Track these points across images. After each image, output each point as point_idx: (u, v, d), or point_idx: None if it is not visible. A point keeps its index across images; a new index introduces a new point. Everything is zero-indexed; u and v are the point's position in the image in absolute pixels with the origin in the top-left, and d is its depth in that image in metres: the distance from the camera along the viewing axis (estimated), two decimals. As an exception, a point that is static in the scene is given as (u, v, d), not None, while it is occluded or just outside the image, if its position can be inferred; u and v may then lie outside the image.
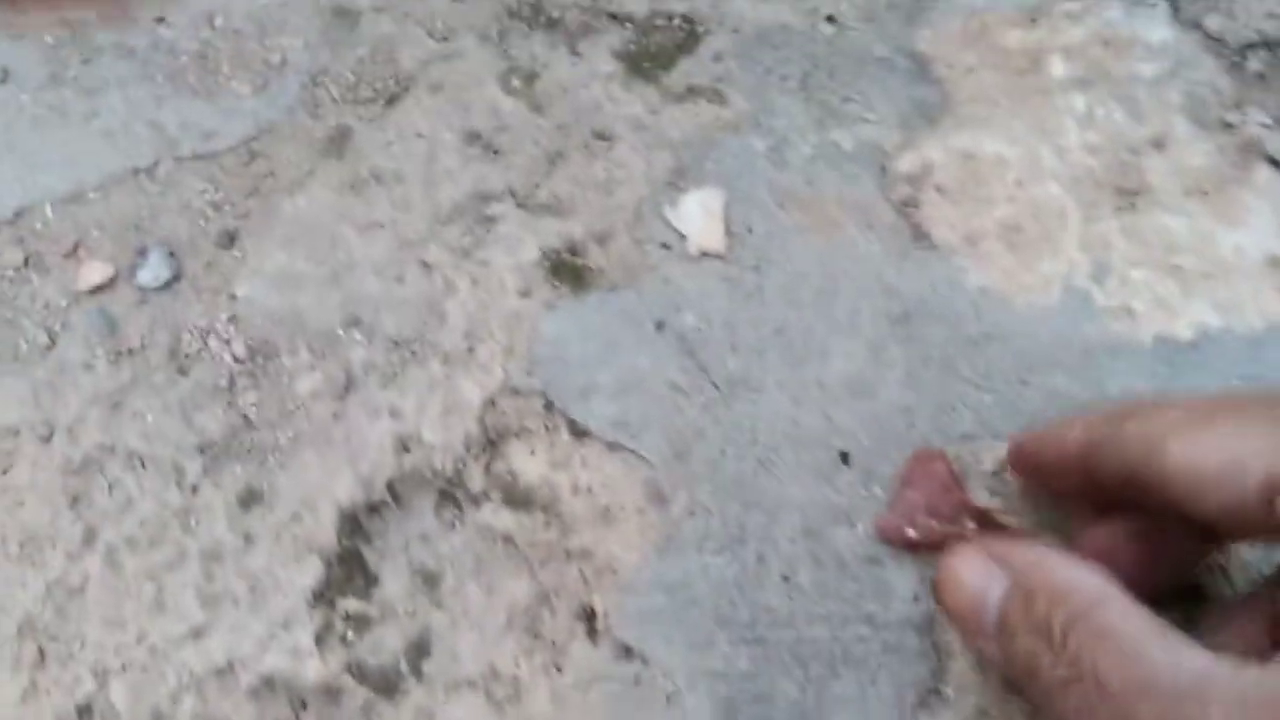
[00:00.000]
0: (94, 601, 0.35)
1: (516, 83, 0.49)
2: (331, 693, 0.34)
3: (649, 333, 0.41)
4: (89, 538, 0.36)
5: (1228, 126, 0.47)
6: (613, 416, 0.39)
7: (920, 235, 0.44)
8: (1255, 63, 0.50)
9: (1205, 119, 0.47)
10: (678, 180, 0.45)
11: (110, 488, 0.37)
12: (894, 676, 0.34)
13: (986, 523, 0.36)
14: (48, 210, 0.46)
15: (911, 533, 0.36)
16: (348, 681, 0.34)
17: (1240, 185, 0.45)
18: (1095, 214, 0.44)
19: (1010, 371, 0.40)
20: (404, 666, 0.35)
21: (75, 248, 0.44)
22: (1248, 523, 0.26)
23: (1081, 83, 0.48)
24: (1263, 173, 0.45)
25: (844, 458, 0.38)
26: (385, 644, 0.35)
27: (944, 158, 0.46)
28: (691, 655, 0.35)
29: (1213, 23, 0.50)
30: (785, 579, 0.36)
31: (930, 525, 0.36)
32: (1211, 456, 0.26)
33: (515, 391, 0.39)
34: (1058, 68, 0.48)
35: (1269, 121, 0.48)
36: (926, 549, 0.36)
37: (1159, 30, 0.49)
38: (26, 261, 0.44)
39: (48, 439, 0.38)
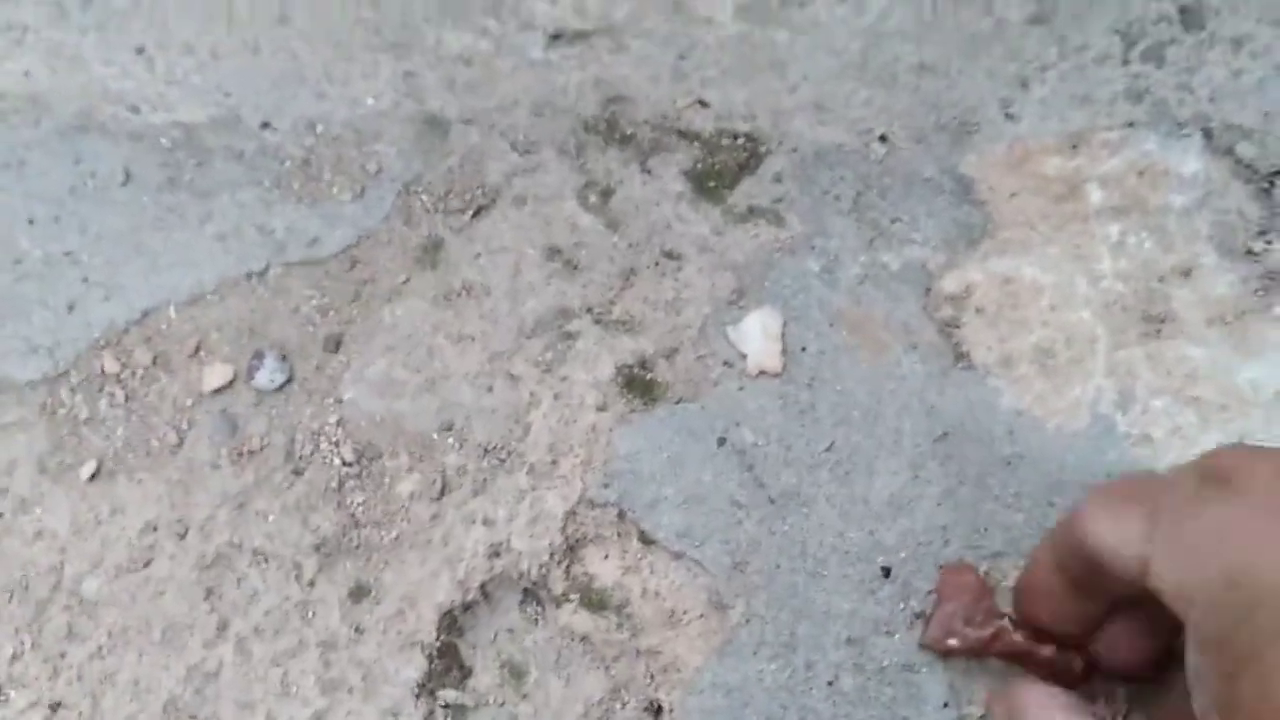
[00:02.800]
0: (227, 685, 0.41)
1: (593, 199, 0.53)
2: (433, 775, 0.39)
3: (711, 448, 0.45)
4: (222, 627, 0.42)
5: (1252, 254, 0.51)
6: (678, 527, 0.43)
7: (960, 355, 0.48)
8: (1282, 189, 0.53)
9: (1232, 247, 0.51)
10: (739, 300, 0.50)
11: (239, 581, 0.42)
12: (926, 781, 0.39)
13: (1016, 622, 0.40)
14: (171, 311, 0.51)
15: (953, 642, 0.40)
16: (447, 765, 0.39)
17: (1260, 316, 0.49)
18: (1123, 340, 0.48)
19: (1039, 493, 0.44)
20: (495, 753, 0.40)
21: (197, 349, 0.50)
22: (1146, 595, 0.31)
23: (1116, 211, 0.52)
24: (1282, 304, 0.49)
25: (886, 572, 0.43)
26: (478, 732, 0.40)
27: (984, 280, 0.50)
28: (747, 752, 0.39)
29: (1244, 150, 0.54)
30: (830, 684, 0.41)
31: (968, 634, 0.40)
32: (1107, 539, 0.32)
33: (592, 503, 0.44)
34: (1095, 195, 0.52)
35: (1291, 250, 0.51)
36: (965, 654, 0.40)
37: (1192, 161, 0.53)
38: (155, 361, 0.50)
39: (183, 535, 0.44)
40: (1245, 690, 0.26)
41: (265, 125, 0.58)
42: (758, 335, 0.48)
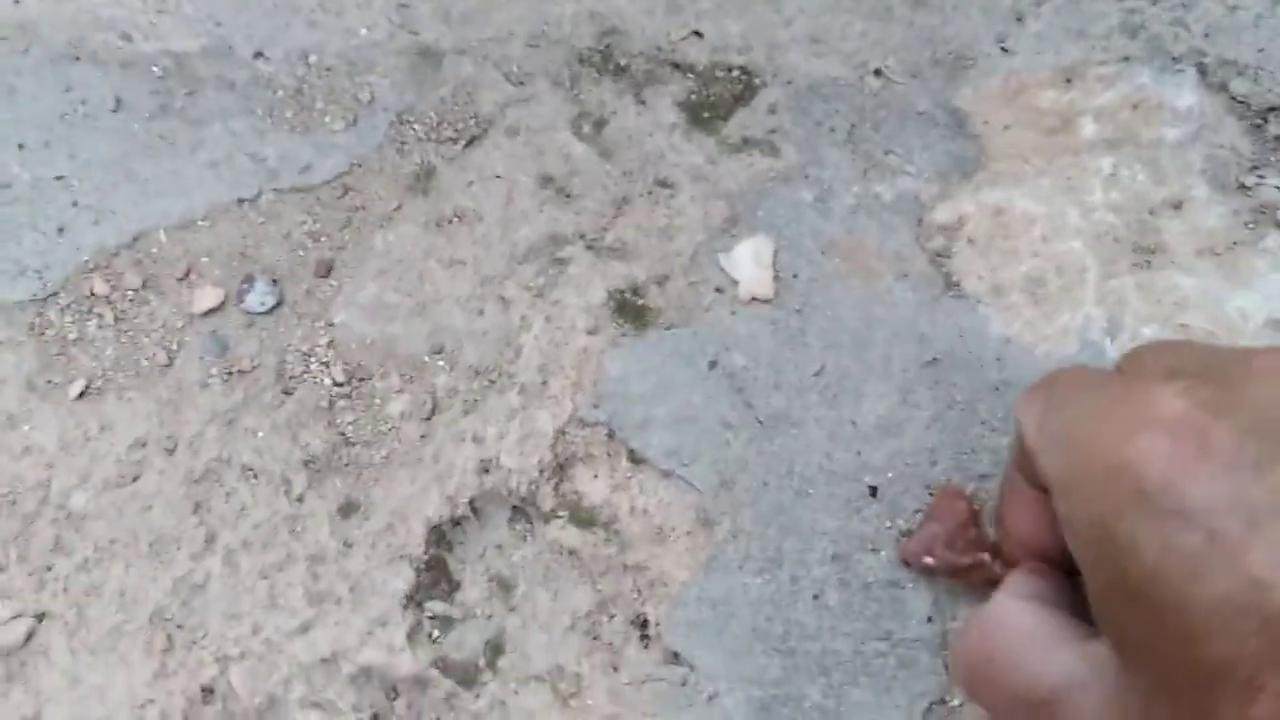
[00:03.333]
0: (215, 596, 0.41)
1: (587, 129, 0.53)
2: (420, 683, 0.39)
3: (702, 371, 0.46)
4: (210, 540, 0.42)
5: (1244, 189, 0.51)
6: (667, 447, 0.44)
7: (951, 284, 0.48)
8: (1276, 126, 0.53)
9: (1224, 181, 0.51)
10: (731, 228, 0.50)
11: (227, 496, 0.43)
12: (907, 688, 0.39)
13: (998, 554, 0.40)
14: (162, 236, 0.51)
15: (929, 560, 0.40)
16: (434, 674, 0.39)
17: (1250, 248, 0.49)
18: (1113, 270, 0.48)
19: (1027, 417, 0.44)
20: (482, 662, 0.40)
21: (187, 272, 0.50)
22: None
23: (1109, 144, 0.52)
24: (1272, 237, 0.49)
25: (873, 491, 0.43)
26: (466, 642, 0.40)
27: (976, 211, 0.50)
28: (730, 662, 0.40)
29: (1239, 86, 0.54)
30: (815, 598, 0.41)
31: (946, 556, 0.40)
32: (1023, 426, 0.31)
33: (583, 422, 0.44)
34: (1088, 129, 0.52)
35: (1284, 185, 0.51)
36: (941, 575, 0.41)
37: (1186, 95, 0.53)
38: (145, 284, 0.49)
39: (172, 451, 0.44)
40: (1104, 576, 0.25)
41: (258, 55, 0.57)
42: (749, 262, 0.48)
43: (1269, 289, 0.47)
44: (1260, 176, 0.52)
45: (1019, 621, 0.30)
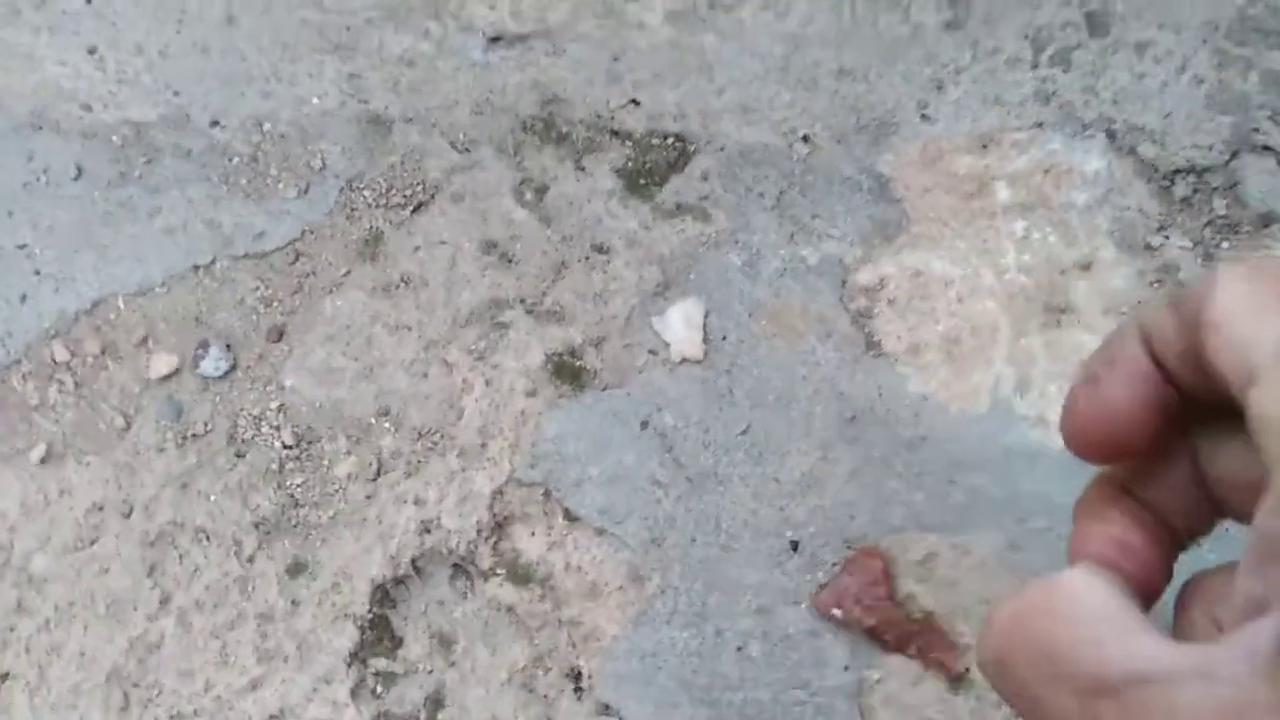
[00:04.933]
0: (169, 655, 0.43)
1: (529, 195, 0.56)
2: (363, 737, 0.42)
3: (635, 430, 0.48)
4: (164, 600, 0.44)
5: (1150, 249, 0.54)
6: (601, 505, 0.46)
7: (872, 344, 0.51)
8: (1182, 188, 0.56)
9: (1131, 242, 0.54)
10: (664, 291, 0.52)
11: (181, 558, 0.45)
12: (824, 738, 0.41)
13: (902, 639, 0.43)
14: (120, 303, 0.53)
15: (837, 612, 0.43)
16: (376, 728, 0.42)
17: (1152, 307, 0.52)
18: (1024, 329, 0.51)
19: (940, 472, 0.47)
20: (423, 716, 0.42)
21: (145, 338, 0.52)
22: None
23: (1023, 207, 0.55)
24: (1173, 296, 0.52)
25: (794, 546, 0.45)
26: (408, 697, 0.42)
27: (897, 273, 0.53)
28: (659, 713, 0.42)
29: (1146, 150, 0.57)
30: (739, 650, 0.43)
31: (854, 611, 0.43)
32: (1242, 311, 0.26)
33: (520, 482, 0.47)
34: (1003, 193, 0.55)
35: (1188, 245, 0.54)
36: (850, 628, 0.43)
37: (1095, 159, 0.56)
38: (104, 350, 0.52)
39: (128, 515, 0.46)
40: None
41: (214, 124, 0.60)
42: (681, 325, 0.51)
43: (1168, 346, 0.50)
44: (1165, 236, 0.55)
45: (1091, 597, 0.25)
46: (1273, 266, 0.25)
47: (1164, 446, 0.27)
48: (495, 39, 0.59)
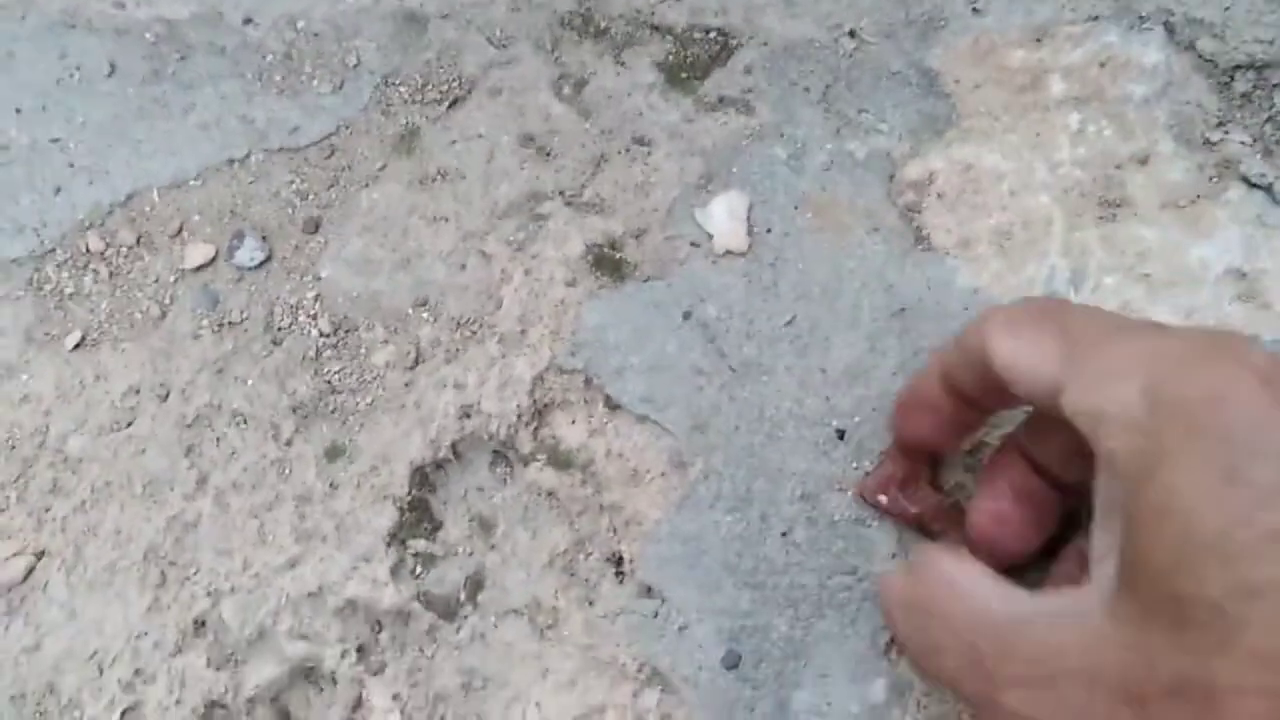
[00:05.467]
0: (206, 535, 0.43)
1: (567, 90, 0.55)
2: (403, 616, 0.41)
3: (676, 320, 0.47)
4: (201, 481, 0.44)
5: (1209, 144, 0.52)
6: (642, 393, 0.45)
7: (920, 238, 0.50)
8: (1242, 83, 0.54)
9: (1190, 137, 0.52)
10: (707, 184, 0.51)
11: (218, 440, 0.44)
12: (870, 620, 0.41)
13: (938, 515, 0.42)
14: (154, 195, 0.52)
15: (882, 499, 0.42)
16: (416, 608, 0.41)
17: (1212, 201, 0.50)
18: (1079, 223, 0.50)
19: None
20: (463, 596, 0.42)
21: (180, 229, 0.51)
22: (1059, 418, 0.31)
23: (1077, 100, 0.53)
24: (1235, 190, 0.50)
25: (840, 434, 0.44)
26: (447, 578, 0.42)
27: (946, 167, 0.52)
28: (702, 595, 0.41)
29: (1205, 45, 0.55)
30: (784, 535, 0.42)
31: (898, 499, 0.42)
32: (1018, 358, 0.32)
33: (560, 369, 0.46)
34: (1057, 86, 0.53)
35: (1248, 140, 0.52)
36: (892, 516, 0.42)
37: (1153, 53, 0.54)
38: (139, 241, 0.51)
39: (164, 398, 0.45)
40: (1148, 500, 0.27)
41: (247, 21, 0.59)
42: (724, 217, 0.50)
43: (1228, 241, 0.49)
44: (1225, 132, 0.53)
45: (960, 564, 0.32)
46: (1019, 309, 0.34)
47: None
48: (532, -67, 0.58)
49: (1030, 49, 0.55)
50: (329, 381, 0.46)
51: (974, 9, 0.55)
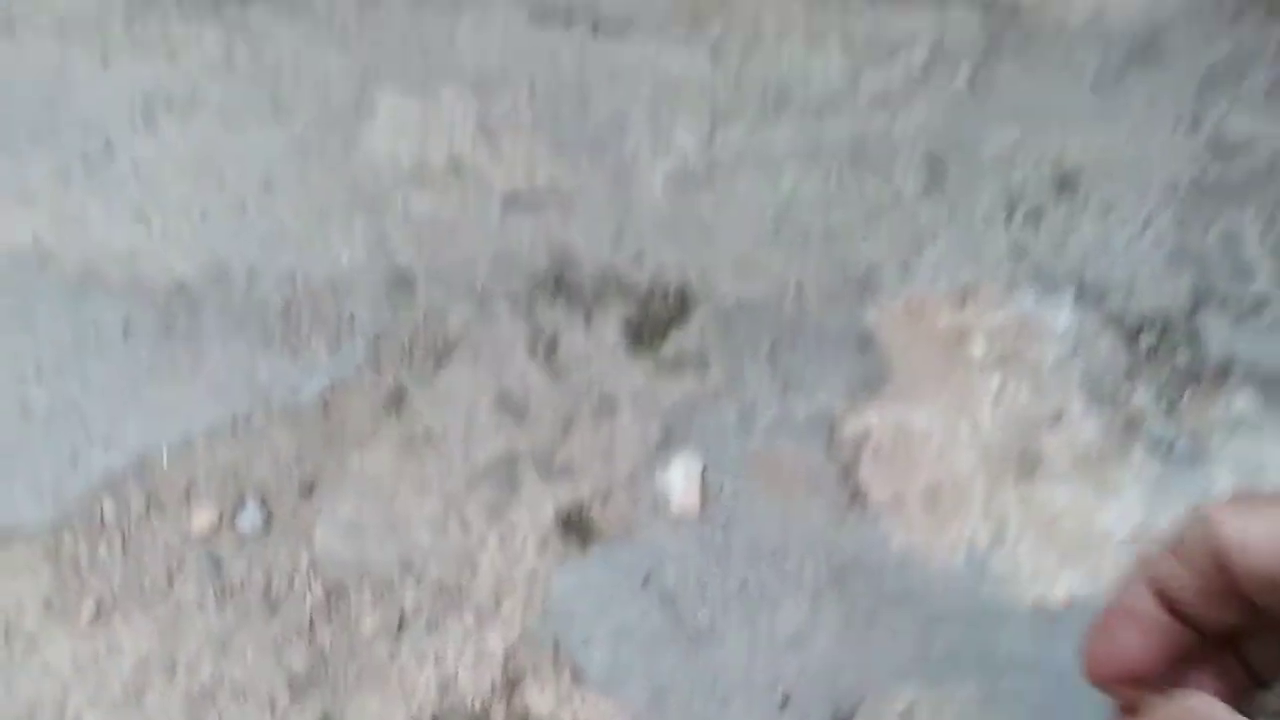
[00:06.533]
0: (210, 807, 0.47)
1: (540, 350, 0.60)
2: None
3: (637, 586, 0.52)
4: (206, 754, 0.48)
5: (1116, 401, 0.58)
6: (606, 663, 0.50)
7: (858, 496, 0.55)
8: (1148, 338, 0.60)
9: (1100, 394, 0.58)
10: (666, 446, 0.57)
11: (220, 715, 0.49)
12: None
13: None
14: (164, 457, 0.58)
15: None
16: None
17: (1119, 459, 0.56)
18: (999, 484, 0.55)
19: (921, 625, 0.51)
20: None
21: (187, 492, 0.56)
22: None
23: (999, 360, 0.59)
24: (1139, 447, 0.56)
25: (784, 701, 0.49)
26: None
27: (881, 425, 0.57)
28: None
29: (1113, 302, 0.61)
30: (735, 802, 0.47)
31: None
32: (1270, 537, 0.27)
33: (531, 639, 0.50)
34: (979, 347, 0.59)
35: (1153, 396, 0.58)
36: None
37: (1065, 315, 0.60)
38: (148, 505, 0.56)
39: (172, 672, 0.50)
40: None
41: (251, 280, 0.65)
42: (680, 479, 0.55)
43: (1134, 498, 0.54)
44: (1133, 388, 0.59)
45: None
46: (1248, 498, 0.29)
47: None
48: (512, 200, 0.64)
49: (956, 310, 0.61)
50: (321, 651, 0.50)
51: (905, 271, 0.62)
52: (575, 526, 0.54)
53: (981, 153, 0.62)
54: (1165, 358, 0.60)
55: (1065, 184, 0.63)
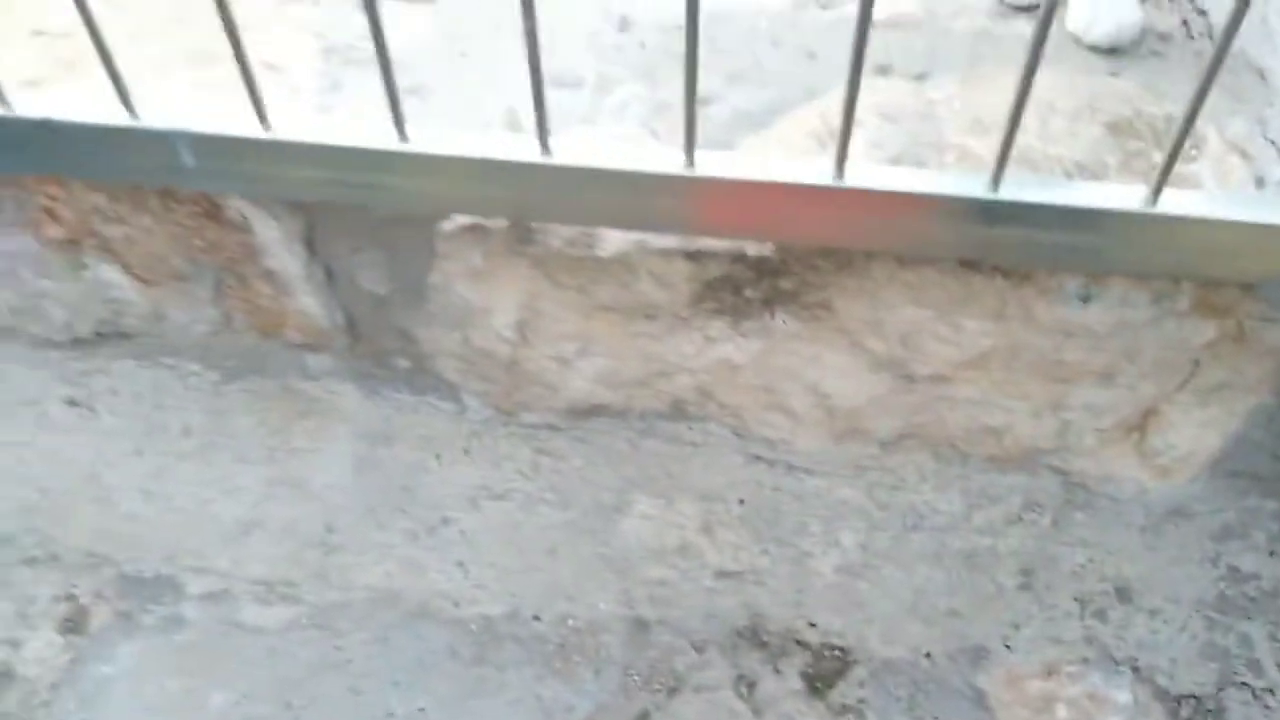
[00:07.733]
0: None
1: (744, 689, 0.86)
2: None
3: None
4: None
5: (1164, 761, 0.81)
6: None
7: (976, 823, 0.78)
8: (1186, 709, 0.84)
9: (1151, 753, 0.81)
10: (837, 775, 0.81)
11: None
12: None
13: None
14: (485, 754, 0.83)
15: None
16: None
17: (1166, 810, 0.78)
18: (1079, 822, 0.78)
19: None
20: None
21: (503, 784, 0.82)
22: None
23: (1076, 722, 0.83)
24: (1181, 802, 0.78)
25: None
26: None
27: (992, 767, 0.81)
28: None
29: (1161, 681, 0.85)
30: None
31: None
32: None
33: None
34: (1062, 711, 0.83)
35: (1192, 757, 0.81)
36: None
37: (1125, 691, 0.84)
38: (478, 791, 0.81)
39: None
40: None
41: (535, 618, 0.92)
42: (849, 802, 0.79)
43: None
44: (1176, 750, 0.82)
45: None
46: None
47: None
48: (722, 574, 0.92)
49: (1044, 679, 0.85)
50: None
51: (1006, 646, 0.87)
52: (776, 833, 0.78)
53: (1061, 567, 0.88)
54: (1200, 725, 0.83)
55: (1123, 594, 0.88)
